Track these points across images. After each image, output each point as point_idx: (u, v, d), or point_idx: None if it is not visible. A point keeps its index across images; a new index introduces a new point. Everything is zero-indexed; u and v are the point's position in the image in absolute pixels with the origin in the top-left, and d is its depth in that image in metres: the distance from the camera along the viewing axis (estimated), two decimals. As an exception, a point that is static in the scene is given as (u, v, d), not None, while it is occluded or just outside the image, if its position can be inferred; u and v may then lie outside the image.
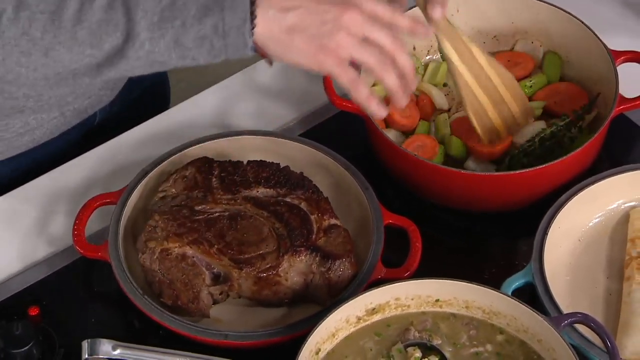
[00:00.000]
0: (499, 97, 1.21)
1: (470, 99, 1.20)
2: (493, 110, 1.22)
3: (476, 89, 1.20)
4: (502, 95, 1.22)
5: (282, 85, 1.39)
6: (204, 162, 1.22)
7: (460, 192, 1.21)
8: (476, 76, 1.20)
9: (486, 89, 1.21)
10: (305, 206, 1.17)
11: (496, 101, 1.21)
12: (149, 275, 1.15)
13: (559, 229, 1.15)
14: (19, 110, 1.21)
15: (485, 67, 1.20)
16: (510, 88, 1.22)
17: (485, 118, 1.22)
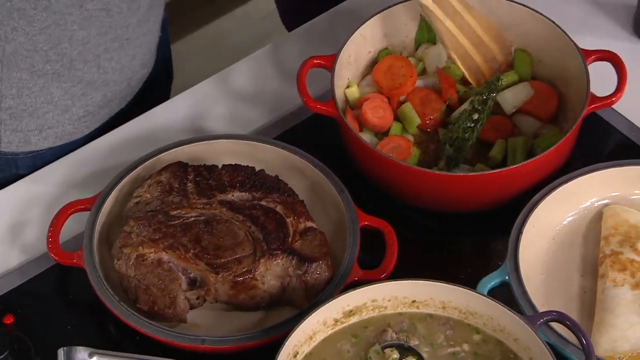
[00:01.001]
0: (479, 39, 1.24)
1: (453, 43, 1.23)
2: (475, 52, 1.25)
3: (457, 34, 1.23)
4: (481, 37, 1.25)
5: (256, 89, 1.39)
6: (179, 166, 1.22)
7: (435, 193, 1.22)
8: (455, 22, 1.23)
9: (466, 32, 1.24)
10: (280, 209, 1.18)
11: (477, 43, 1.25)
12: (125, 281, 1.15)
13: (533, 228, 1.16)
14: None
15: (462, 12, 1.23)
16: (487, 29, 1.26)
17: (470, 60, 1.25)
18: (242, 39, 2.60)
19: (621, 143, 1.30)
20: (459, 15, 1.24)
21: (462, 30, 1.24)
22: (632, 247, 1.14)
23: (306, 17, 1.48)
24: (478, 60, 1.25)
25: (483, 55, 1.26)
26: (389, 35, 1.35)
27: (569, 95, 1.30)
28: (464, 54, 1.25)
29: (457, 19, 1.24)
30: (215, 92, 1.39)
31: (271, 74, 1.41)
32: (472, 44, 1.25)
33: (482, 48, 1.26)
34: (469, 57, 1.25)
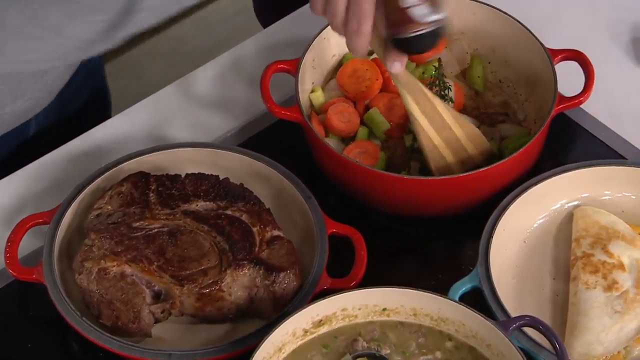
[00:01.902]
0: (462, 148, 1.23)
1: (432, 150, 1.22)
2: (455, 162, 1.23)
3: (438, 142, 1.21)
4: (465, 146, 1.23)
5: (218, 95, 1.39)
6: (140, 176, 1.21)
7: (403, 198, 1.22)
8: (438, 130, 1.21)
9: (448, 142, 1.22)
10: (246, 218, 1.17)
11: (458, 151, 1.23)
12: (87, 296, 1.14)
13: (503, 231, 1.17)
14: None
15: (448, 120, 1.21)
16: (473, 139, 1.24)
17: (445, 169, 1.23)
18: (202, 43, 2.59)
19: (590, 143, 1.32)
20: (446, 125, 1.21)
21: (442, 137, 1.21)
22: (603, 249, 1.15)
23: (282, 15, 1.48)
24: (456, 170, 1.23)
25: (462, 163, 1.23)
26: (337, 54, 1.35)
27: (537, 96, 1.31)
28: (442, 163, 1.23)
29: (444, 129, 1.21)
30: (177, 99, 1.39)
31: (234, 80, 1.41)
32: (452, 152, 1.22)
33: (462, 154, 1.23)
34: (447, 168, 1.23)
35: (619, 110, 1.35)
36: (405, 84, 1.18)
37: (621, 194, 1.22)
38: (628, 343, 1.10)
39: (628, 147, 1.30)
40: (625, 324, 1.10)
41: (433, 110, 1.20)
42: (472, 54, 1.36)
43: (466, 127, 1.23)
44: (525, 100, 1.34)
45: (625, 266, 1.13)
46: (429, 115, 1.20)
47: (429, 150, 1.22)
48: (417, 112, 1.20)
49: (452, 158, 1.23)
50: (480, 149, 1.24)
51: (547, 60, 1.28)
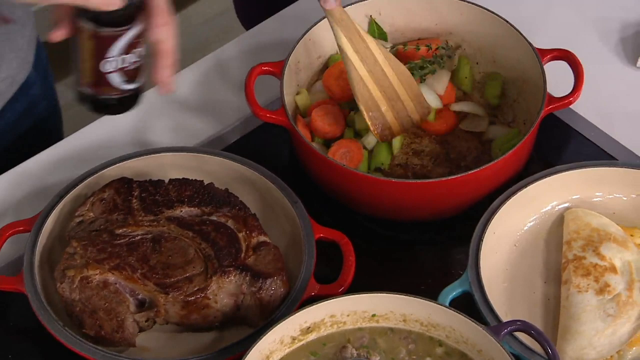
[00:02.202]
0: (394, 94, 1.22)
1: (363, 92, 1.21)
2: (387, 106, 1.22)
3: (370, 83, 1.21)
4: (398, 91, 1.22)
5: (202, 98, 1.39)
6: (123, 182, 1.21)
7: (390, 201, 1.23)
8: (370, 70, 1.20)
9: (380, 84, 1.21)
10: (232, 224, 1.17)
11: (391, 97, 1.22)
12: (69, 305, 1.13)
13: (493, 234, 1.17)
14: None
15: (381, 62, 1.21)
16: (406, 85, 1.23)
17: (378, 113, 1.22)
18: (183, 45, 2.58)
19: (580, 144, 1.32)
20: (378, 66, 1.20)
21: (377, 82, 1.21)
22: (595, 251, 1.15)
23: (265, 17, 1.48)
24: (389, 117, 1.22)
25: (396, 111, 1.23)
26: (323, 56, 1.35)
27: (526, 97, 1.32)
28: (373, 106, 1.22)
29: (375, 69, 1.20)
30: (159, 103, 1.38)
31: (217, 83, 1.41)
32: (385, 98, 1.22)
33: (396, 104, 1.23)
34: (379, 111, 1.22)
35: (609, 110, 1.36)
36: (339, 20, 1.17)
37: (612, 196, 1.23)
38: (621, 347, 1.11)
39: (618, 147, 1.31)
40: (617, 327, 1.10)
41: (365, 49, 1.19)
42: (459, 54, 1.36)
43: (401, 74, 1.22)
44: (514, 101, 1.34)
45: (617, 269, 1.14)
46: (362, 54, 1.19)
47: (361, 94, 1.20)
48: (350, 51, 1.18)
49: (390, 115, 1.22)
50: (417, 105, 1.24)
51: (535, 60, 1.28)
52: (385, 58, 1.21)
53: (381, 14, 1.36)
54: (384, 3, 1.35)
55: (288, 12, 1.48)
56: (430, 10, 1.36)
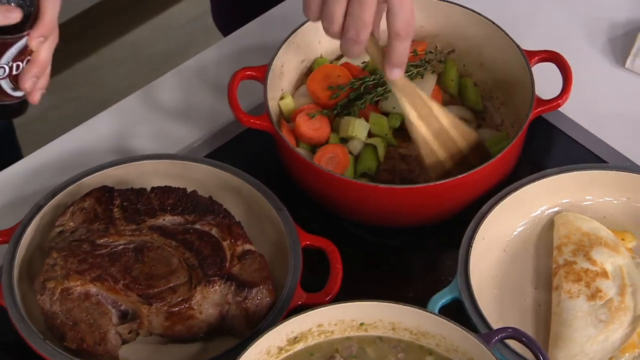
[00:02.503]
0: (457, 149, 1.24)
1: (429, 156, 1.23)
2: (450, 164, 1.24)
3: (435, 145, 1.23)
4: (460, 146, 1.24)
5: (183, 104, 1.38)
6: (104, 191, 1.20)
7: (377, 207, 1.23)
8: (435, 133, 1.22)
9: (445, 145, 1.23)
10: (216, 232, 1.17)
11: (453, 154, 1.24)
12: (50, 318, 1.13)
13: (483, 240, 1.18)
14: None
15: (445, 123, 1.23)
16: (467, 139, 1.25)
17: (441, 169, 1.24)
18: (162, 49, 2.58)
19: (570, 147, 1.33)
20: (444, 128, 1.23)
21: (442, 143, 1.23)
22: (586, 256, 1.16)
23: (242, 22, 1.48)
24: (449, 167, 1.25)
25: (457, 164, 1.25)
26: (323, 42, 1.35)
27: (513, 99, 1.32)
28: (437, 165, 1.24)
29: (441, 131, 1.23)
30: (140, 109, 1.38)
31: (199, 88, 1.40)
32: (449, 156, 1.24)
33: (457, 156, 1.25)
34: (441, 167, 1.24)
35: (598, 112, 1.37)
36: (401, 88, 1.20)
37: (603, 199, 1.23)
38: (613, 353, 1.11)
39: (608, 150, 1.32)
40: (610, 333, 1.11)
41: (429, 114, 1.21)
42: (446, 56, 1.37)
43: (465, 133, 1.24)
44: (501, 104, 1.35)
45: (609, 273, 1.14)
46: (426, 119, 1.21)
47: (427, 156, 1.23)
48: (414, 117, 1.21)
49: (449, 163, 1.24)
50: (478, 154, 1.26)
51: (523, 62, 1.28)
52: (447, 118, 1.23)
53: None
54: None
55: (271, 15, 1.48)
56: (415, 12, 1.36)
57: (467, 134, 1.25)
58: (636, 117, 1.36)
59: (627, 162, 1.30)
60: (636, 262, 1.17)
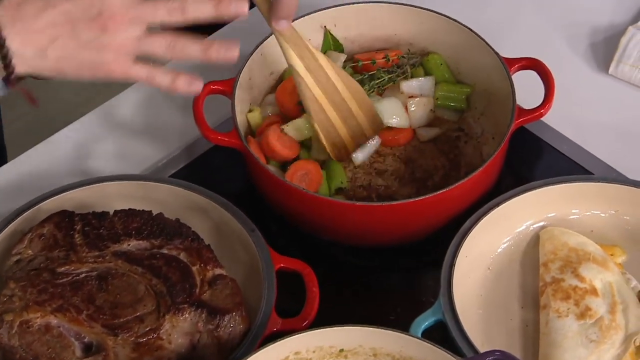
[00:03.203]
0: (348, 111, 1.25)
1: (318, 113, 1.23)
2: (342, 126, 1.25)
3: (324, 102, 1.23)
4: (351, 108, 1.25)
5: (145, 121, 1.38)
6: (63, 216, 1.19)
7: (353, 226, 1.23)
8: (324, 88, 1.23)
9: (334, 102, 1.24)
10: (184, 257, 1.16)
11: (345, 115, 1.25)
12: (8, 352, 1.11)
13: (466, 258, 1.18)
14: None
15: (334, 79, 1.23)
16: (359, 100, 1.26)
17: (334, 134, 1.25)
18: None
19: (553, 158, 1.34)
20: (331, 83, 1.24)
21: (331, 100, 1.24)
22: (574, 273, 1.16)
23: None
24: (343, 134, 1.26)
25: (350, 129, 1.27)
26: (275, 72, 1.36)
27: (493, 109, 1.33)
28: (328, 125, 1.25)
29: (328, 87, 1.24)
30: (100, 128, 1.37)
31: (162, 103, 1.40)
32: (340, 116, 1.25)
33: (350, 121, 1.26)
34: (334, 130, 1.25)
35: (581, 121, 1.38)
36: (289, 38, 1.20)
37: (590, 212, 1.24)
38: (606, 375, 1.12)
39: (594, 161, 1.33)
40: (601, 354, 1.11)
41: (318, 67, 1.22)
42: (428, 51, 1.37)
43: (353, 90, 1.25)
44: (481, 114, 1.35)
45: (598, 291, 1.15)
46: (314, 73, 1.22)
47: (316, 113, 1.23)
48: (302, 69, 1.21)
49: (345, 133, 1.24)
50: (370, 119, 1.27)
51: (502, 71, 1.29)
52: (338, 74, 1.24)
53: (336, 25, 1.37)
54: (340, 13, 1.36)
55: (235, 26, 1.48)
56: (388, 19, 1.37)
57: (358, 93, 1.25)
58: (621, 126, 1.37)
59: (613, 172, 1.31)
60: (626, 278, 1.18)
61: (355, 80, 1.30)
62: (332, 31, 1.37)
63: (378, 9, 1.36)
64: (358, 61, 1.36)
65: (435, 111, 1.35)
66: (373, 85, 1.33)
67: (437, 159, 1.33)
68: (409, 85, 1.34)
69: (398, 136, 1.33)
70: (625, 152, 1.34)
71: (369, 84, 1.33)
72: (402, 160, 1.32)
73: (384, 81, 1.34)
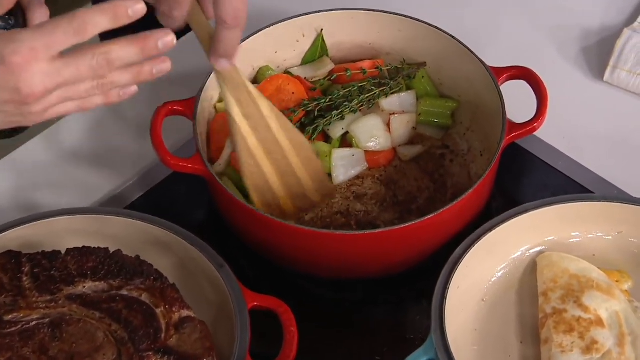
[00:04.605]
0: (288, 167, 1.22)
1: (250, 166, 1.21)
2: (278, 184, 1.23)
3: (259, 155, 1.20)
4: (293, 165, 1.22)
5: (97, 147, 1.38)
6: (9, 257, 1.18)
7: (333, 257, 1.23)
8: (261, 139, 1.20)
9: (272, 156, 1.21)
10: (147, 298, 1.16)
11: (284, 172, 1.22)
12: (-48, 413, 1.10)
13: (458, 289, 1.18)
14: None
15: (275, 129, 1.20)
16: (304, 159, 1.23)
17: (268, 192, 1.23)
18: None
19: (549, 176, 1.35)
20: (271, 134, 1.20)
21: (268, 154, 1.21)
22: (576, 303, 1.17)
23: None
24: (279, 194, 1.23)
25: (290, 189, 1.23)
26: (256, 68, 1.37)
27: (482, 123, 1.34)
28: (260, 182, 1.22)
29: (267, 138, 1.20)
30: (45, 155, 1.37)
31: (114, 127, 1.39)
32: (277, 174, 1.22)
33: (290, 180, 1.23)
34: (267, 188, 1.22)
35: (577, 134, 1.39)
36: (228, 79, 1.17)
37: (592, 235, 1.25)
38: (617, 414, 1.13)
39: (592, 177, 1.34)
40: (611, 391, 1.12)
41: (256, 114, 1.19)
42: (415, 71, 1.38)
43: (298, 145, 1.21)
44: (467, 129, 1.36)
45: (604, 321, 1.16)
46: (252, 119, 1.19)
47: (247, 166, 1.20)
48: (238, 114, 1.18)
49: (282, 192, 1.22)
50: (317, 182, 1.24)
51: (490, 81, 1.30)
52: (281, 126, 1.20)
53: (304, 36, 1.38)
54: (304, 27, 1.37)
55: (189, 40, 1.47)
56: (362, 26, 1.38)
57: (304, 150, 1.22)
58: (620, 138, 1.39)
59: (614, 190, 1.32)
60: (634, 307, 1.18)
61: (343, 92, 1.31)
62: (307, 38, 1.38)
63: (354, 16, 1.37)
64: (347, 70, 1.36)
65: (417, 128, 1.36)
66: (363, 100, 1.33)
67: (420, 180, 1.33)
68: (389, 102, 1.34)
69: (377, 156, 1.34)
70: (626, 167, 1.35)
71: (358, 97, 1.33)
72: (383, 183, 1.33)
73: (376, 95, 1.34)
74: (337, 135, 1.33)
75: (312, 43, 1.39)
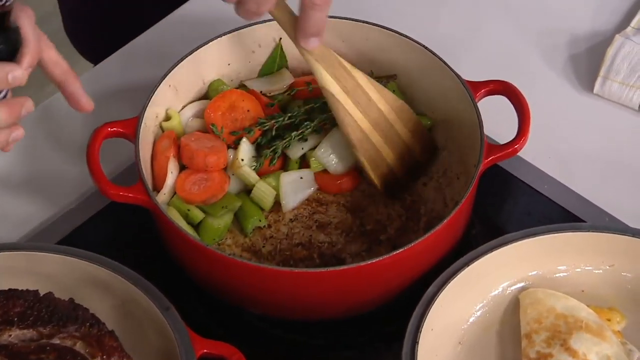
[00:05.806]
0: (394, 134, 1.28)
1: (362, 142, 1.26)
2: (389, 151, 1.29)
3: (367, 128, 1.27)
4: (398, 130, 1.28)
5: (25, 173, 1.37)
6: None
7: (293, 297, 1.22)
8: (365, 112, 1.27)
9: (379, 126, 1.28)
10: (82, 347, 1.14)
11: (391, 139, 1.29)
12: None
13: (432, 331, 1.17)
14: None
15: (375, 99, 1.27)
16: (405, 121, 1.29)
17: (382, 164, 1.28)
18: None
19: (532, 201, 1.34)
20: (373, 104, 1.27)
21: (375, 125, 1.28)
22: (563, 346, 1.16)
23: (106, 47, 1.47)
24: (393, 163, 1.29)
25: (400, 156, 1.30)
26: (207, 82, 1.36)
27: (458, 143, 1.33)
28: (375, 156, 1.28)
29: (370, 109, 1.28)
30: (-34, 184, 1.35)
31: (46, 149, 1.38)
32: (385, 140, 1.29)
33: (399, 147, 1.30)
34: (381, 160, 1.29)
35: (564, 153, 1.38)
36: (320, 57, 1.25)
37: (580, 269, 1.25)
38: None
39: (581, 203, 1.33)
40: None
41: (356, 87, 1.27)
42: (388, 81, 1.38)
43: (398, 109, 1.28)
44: (442, 149, 1.35)
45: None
46: (352, 94, 1.26)
47: (359, 142, 1.26)
48: (338, 91, 1.26)
49: (394, 160, 1.28)
50: (422, 142, 1.30)
51: (466, 97, 1.29)
52: (379, 93, 1.28)
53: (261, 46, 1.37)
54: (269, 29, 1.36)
55: (139, 45, 1.46)
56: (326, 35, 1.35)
57: (405, 113, 1.28)
58: (612, 157, 1.39)
59: (605, 217, 1.32)
60: (627, 350, 1.18)
61: (304, 109, 1.32)
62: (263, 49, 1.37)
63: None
64: (308, 84, 1.35)
65: (386, 148, 1.36)
66: (326, 118, 1.32)
67: (390, 206, 1.32)
68: None
69: (341, 180, 1.33)
70: (619, 191, 1.35)
71: (320, 115, 1.32)
72: (349, 210, 1.32)
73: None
74: (297, 156, 1.32)
75: (269, 54, 1.38)
